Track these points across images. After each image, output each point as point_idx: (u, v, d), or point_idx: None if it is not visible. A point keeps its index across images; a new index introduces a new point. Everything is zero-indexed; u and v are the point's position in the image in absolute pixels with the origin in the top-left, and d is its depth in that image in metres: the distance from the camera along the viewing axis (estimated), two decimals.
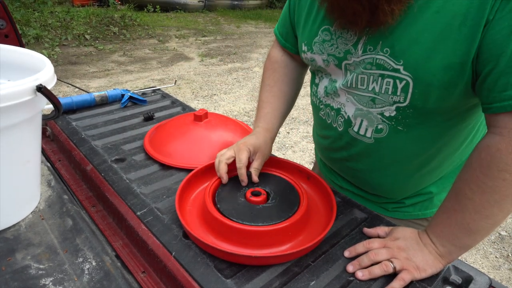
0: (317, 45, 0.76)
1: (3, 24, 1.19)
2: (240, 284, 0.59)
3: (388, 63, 0.65)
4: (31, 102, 0.64)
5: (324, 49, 0.75)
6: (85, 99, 1.18)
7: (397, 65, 0.63)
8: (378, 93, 0.69)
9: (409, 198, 0.86)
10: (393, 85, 0.66)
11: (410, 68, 0.62)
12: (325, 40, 0.74)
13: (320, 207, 0.78)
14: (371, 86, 0.69)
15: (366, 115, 0.73)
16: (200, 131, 0.98)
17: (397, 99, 0.67)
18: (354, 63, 0.71)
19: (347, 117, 0.76)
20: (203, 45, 6.34)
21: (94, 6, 8.04)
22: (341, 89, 0.75)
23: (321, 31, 0.75)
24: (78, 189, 0.91)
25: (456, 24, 0.57)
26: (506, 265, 2.07)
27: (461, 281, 0.62)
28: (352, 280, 0.61)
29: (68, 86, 3.96)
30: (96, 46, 5.67)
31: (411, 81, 0.63)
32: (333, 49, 0.73)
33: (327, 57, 0.75)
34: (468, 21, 0.56)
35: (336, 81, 0.77)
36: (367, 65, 0.68)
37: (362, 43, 0.68)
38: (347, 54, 0.71)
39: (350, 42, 0.70)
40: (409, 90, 0.64)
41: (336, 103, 0.78)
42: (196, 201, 0.78)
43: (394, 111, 0.69)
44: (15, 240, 0.69)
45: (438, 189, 0.85)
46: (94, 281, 0.62)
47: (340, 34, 0.71)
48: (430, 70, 0.61)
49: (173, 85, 1.98)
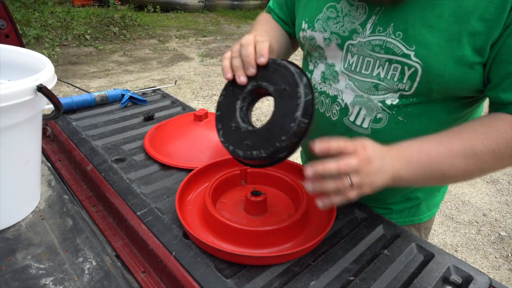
0: (320, 22, 0.73)
1: (4, 24, 1.19)
2: (240, 284, 0.59)
3: (398, 47, 0.63)
4: (31, 102, 0.64)
5: (327, 27, 0.72)
6: (85, 99, 1.18)
7: (408, 51, 0.61)
8: (383, 79, 0.66)
9: (395, 204, 0.84)
10: (400, 71, 0.64)
11: (421, 55, 0.60)
12: (330, 18, 0.71)
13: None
14: (376, 71, 0.67)
15: (365, 103, 0.70)
16: (200, 131, 0.98)
17: (402, 87, 0.65)
18: (358, 44, 0.68)
19: (344, 105, 0.73)
20: (203, 45, 6.34)
21: (94, 6, 8.04)
22: (343, 73, 0.72)
23: (326, 8, 0.72)
24: (78, 189, 0.91)
25: (474, 17, 0.56)
26: (506, 265, 2.07)
27: (461, 281, 0.62)
28: (352, 280, 0.61)
29: (68, 86, 3.96)
30: (96, 46, 5.67)
31: (420, 69, 0.61)
32: (338, 27, 0.70)
33: (330, 35, 0.72)
34: (487, 15, 0.55)
35: (334, 65, 0.74)
36: (375, 47, 0.65)
37: (371, 22, 0.65)
38: (353, 34, 0.68)
39: (358, 21, 0.67)
40: (416, 78, 0.63)
41: (333, 90, 0.75)
42: (196, 201, 0.78)
43: (397, 99, 0.67)
44: (16, 240, 0.69)
45: (425, 194, 0.84)
46: (94, 281, 0.62)
47: (348, 12, 0.68)
48: (442, 60, 0.59)
49: (173, 85, 1.98)
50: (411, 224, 0.86)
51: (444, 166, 0.59)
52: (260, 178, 0.84)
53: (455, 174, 0.60)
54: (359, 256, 0.66)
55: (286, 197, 0.81)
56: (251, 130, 0.60)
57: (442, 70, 0.60)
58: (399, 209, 0.84)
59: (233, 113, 0.62)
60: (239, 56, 0.62)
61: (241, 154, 0.59)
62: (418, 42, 0.60)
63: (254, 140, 0.59)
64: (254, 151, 0.58)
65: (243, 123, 0.61)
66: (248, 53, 0.61)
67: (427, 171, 0.60)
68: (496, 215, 2.49)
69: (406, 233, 0.72)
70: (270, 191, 0.82)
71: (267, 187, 0.84)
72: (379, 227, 0.73)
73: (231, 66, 0.63)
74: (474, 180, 2.87)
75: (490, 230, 2.35)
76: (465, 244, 2.23)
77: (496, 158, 0.58)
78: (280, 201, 0.80)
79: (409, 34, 0.61)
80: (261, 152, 0.57)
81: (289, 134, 0.55)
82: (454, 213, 2.50)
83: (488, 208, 2.56)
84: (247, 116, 0.63)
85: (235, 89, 0.63)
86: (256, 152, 0.57)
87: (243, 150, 0.59)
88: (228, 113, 0.63)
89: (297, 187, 0.78)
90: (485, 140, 0.58)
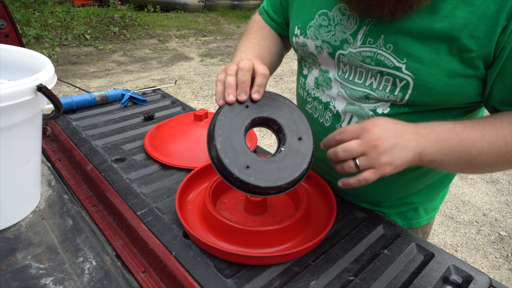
0: (312, 29, 0.72)
1: (4, 24, 1.19)
2: (240, 284, 0.59)
3: (390, 60, 0.62)
4: (32, 102, 0.64)
5: (319, 35, 0.71)
6: (85, 99, 1.18)
7: (399, 63, 0.61)
8: (375, 90, 0.66)
9: (390, 208, 0.83)
10: (392, 83, 0.63)
11: (413, 68, 0.60)
12: (322, 25, 0.70)
13: (320, 207, 0.78)
14: (368, 81, 0.66)
15: (357, 111, 0.70)
16: (200, 131, 0.98)
17: (393, 98, 0.65)
18: (349, 54, 0.67)
19: (335, 112, 0.72)
20: (203, 45, 6.34)
21: (94, 6, 8.03)
22: (336, 80, 0.71)
23: (319, 15, 0.71)
24: (78, 189, 0.91)
25: (464, 34, 0.55)
26: (506, 265, 2.07)
27: (461, 281, 0.62)
28: (352, 280, 0.61)
29: (68, 86, 3.96)
30: (96, 46, 5.67)
31: (411, 82, 0.61)
32: (329, 36, 0.69)
33: (321, 44, 0.71)
34: (477, 32, 0.55)
35: (328, 71, 0.73)
36: (366, 58, 0.65)
37: (362, 33, 0.64)
38: (343, 44, 0.67)
39: (349, 31, 0.66)
40: (408, 91, 0.62)
41: (326, 96, 0.74)
42: (196, 201, 0.78)
43: (388, 108, 0.67)
44: (16, 239, 0.69)
45: (421, 199, 0.82)
46: (95, 280, 0.62)
47: (340, 21, 0.67)
48: (434, 73, 0.59)
49: (173, 85, 1.98)
50: (409, 228, 0.85)
51: (475, 151, 0.57)
52: None
53: (484, 161, 0.58)
54: (359, 256, 0.66)
55: (286, 197, 0.81)
56: (253, 155, 0.60)
57: (434, 83, 0.59)
58: (395, 212, 0.83)
59: (240, 129, 0.61)
60: (234, 76, 0.61)
61: (237, 173, 0.57)
62: (409, 55, 0.60)
63: (255, 167, 0.59)
64: (252, 177, 0.57)
65: (245, 144, 0.61)
66: (245, 80, 0.61)
67: (457, 153, 0.57)
68: (496, 215, 2.49)
69: (406, 233, 0.72)
70: None
71: None
72: (379, 227, 0.73)
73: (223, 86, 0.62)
74: (474, 180, 2.87)
75: (490, 230, 2.35)
76: (465, 244, 2.23)
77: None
78: (280, 201, 0.80)
79: (400, 47, 0.61)
80: (259, 181, 0.57)
81: (292, 180, 0.59)
82: (454, 213, 2.50)
83: (488, 208, 2.56)
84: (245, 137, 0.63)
85: (249, 106, 0.62)
86: (254, 179, 0.57)
87: (240, 170, 0.58)
88: (233, 126, 0.61)
89: (297, 187, 0.78)
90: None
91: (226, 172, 0.58)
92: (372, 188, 0.78)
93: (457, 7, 0.56)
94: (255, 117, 0.62)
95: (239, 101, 0.61)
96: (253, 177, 0.57)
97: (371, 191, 0.80)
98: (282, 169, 0.59)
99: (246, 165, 0.58)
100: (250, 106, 0.62)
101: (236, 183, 0.58)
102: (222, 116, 0.61)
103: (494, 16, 0.53)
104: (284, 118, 0.63)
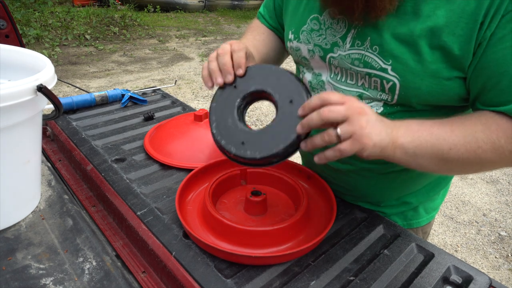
0: (305, 34, 0.74)
1: (4, 24, 1.19)
2: (240, 284, 0.59)
3: (376, 61, 0.63)
4: (32, 102, 0.64)
5: (311, 39, 0.72)
6: (85, 99, 1.18)
7: (385, 65, 0.62)
8: (367, 89, 0.67)
9: (390, 208, 0.83)
10: (380, 84, 0.65)
11: (398, 70, 0.61)
12: (313, 30, 0.72)
13: (320, 207, 0.78)
14: (360, 81, 0.68)
15: None
16: (200, 131, 0.98)
17: (385, 97, 0.66)
18: (339, 57, 0.68)
19: None
20: (203, 45, 6.34)
21: (94, 6, 8.03)
22: (329, 82, 0.73)
23: (310, 20, 0.72)
24: (79, 189, 0.92)
25: (445, 32, 0.56)
26: (506, 265, 2.07)
27: (461, 281, 0.62)
28: (352, 280, 0.61)
29: (68, 86, 3.96)
30: (96, 46, 5.67)
31: (398, 83, 0.62)
32: (320, 39, 0.71)
33: (313, 47, 0.73)
34: (458, 30, 0.55)
35: (320, 74, 0.75)
36: (355, 61, 0.66)
37: (351, 36, 0.66)
38: (334, 47, 0.69)
39: (339, 34, 0.68)
40: (396, 91, 0.64)
41: None
42: (196, 201, 0.78)
43: (382, 107, 0.68)
44: (16, 239, 0.69)
45: (420, 199, 0.83)
46: (95, 281, 0.62)
47: (330, 25, 0.69)
48: (418, 74, 0.60)
49: (173, 85, 1.98)
50: (409, 228, 0.85)
51: (446, 145, 0.57)
52: (260, 178, 0.84)
53: (456, 157, 0.57)
54: (359, 256, 0.66)
55: (286, 197, 0.81)
56: (248, 130, 0.62)
57: (419, 84, 0.60)
58: (395, 212, 0.84)
59: (231, 109, 0.63)
60: (215, 61, 0.66)
61: (234, 151, 0.60)
62: (394, 57, 0.61)
63: (250, 141, 0.60)
64: (248, 151, 0.59)
65: (240, 121, 0.63)
66: (225, 62, 0.64)
67: (428, 147, 0.57)
68: (496, 215, 2.49)
69: (406, 233, 0.72)
70: (270, 191, 0.82)
71: (267, 187, 0.84)
72: (379, 227, 0.73)
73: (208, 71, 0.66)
74: (474, 180, 2.87)
75: (490, 230, 2.35)
76: (465, 244, 2.23)
77: (496, 151, 0.56)
78: (280, 201, 0.80)
79: (385, 48, 0.62)
80: (255, 153, 0.59)
81: (288, 144, 0.58)
82: (454, 213, 2.50)
83: (488, 208, 2.56)
84: (243, 115, 0.65)
85: (237, 86, 0.64)
86: (250, 152, 0.59)
87: (237, 147, 0.60)
88: (225, 108, 0.64)
89: (297, 187, 0.78)
90: (486, 130, 0.56)
91: (226, 152, 0.62)
92: (371, 187, 0.79)
93: (439, 6, 0.57)
94: (244, 94, 0.64)
95: (226, 83, 0.65)
96: (249, 151, 0.59)
97: (370, 191, 0.80)
98: (276, 136, 0.59)
99: (241, 142, 0.60)
100: (238, 85, 0.64)
101: (237, 159, 0.62)
102: (214, 102, 0.65)
103: (473, 13, 0.54)
104: (272, 85, 0.62)
